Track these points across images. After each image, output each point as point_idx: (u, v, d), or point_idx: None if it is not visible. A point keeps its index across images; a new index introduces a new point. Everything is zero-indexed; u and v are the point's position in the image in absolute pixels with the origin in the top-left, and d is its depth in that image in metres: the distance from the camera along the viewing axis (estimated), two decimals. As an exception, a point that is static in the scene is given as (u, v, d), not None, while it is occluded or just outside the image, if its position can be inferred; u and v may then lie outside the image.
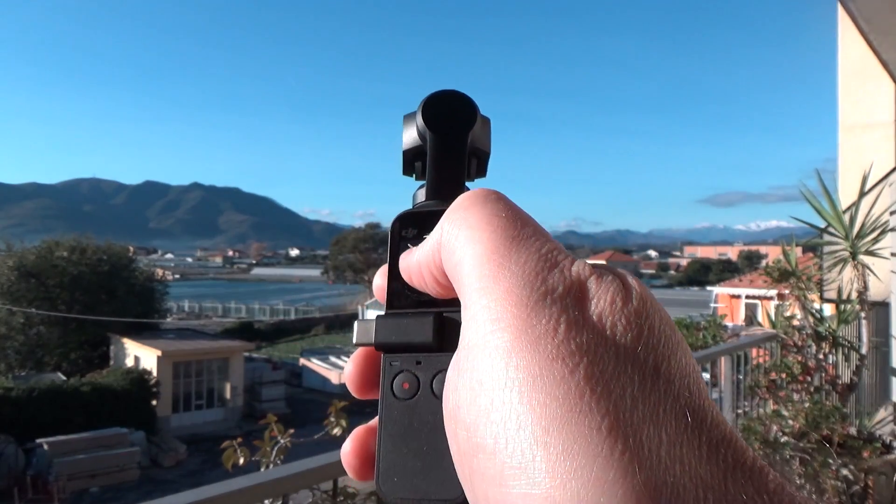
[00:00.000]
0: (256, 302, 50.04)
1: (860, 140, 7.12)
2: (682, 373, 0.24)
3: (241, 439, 2.41)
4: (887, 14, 4.30)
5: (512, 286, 0.26)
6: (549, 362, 0.23)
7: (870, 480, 3.35)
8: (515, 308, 0.25)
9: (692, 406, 0.23)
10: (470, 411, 0.25)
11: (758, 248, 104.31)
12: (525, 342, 0.24)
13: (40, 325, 22.77)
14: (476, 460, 0.24)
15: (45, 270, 23.22)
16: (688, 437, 0.22)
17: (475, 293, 0.27)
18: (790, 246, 4.35)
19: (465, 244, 0.28)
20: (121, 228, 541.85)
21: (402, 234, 0.36)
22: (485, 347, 0.25)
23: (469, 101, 0.37)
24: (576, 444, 0.22)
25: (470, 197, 0.30)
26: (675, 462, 0.22)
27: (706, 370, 4.55)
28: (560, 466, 0.22)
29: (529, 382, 0.23)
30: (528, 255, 0.26)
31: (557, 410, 0.23)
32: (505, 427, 0.23)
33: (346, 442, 0.34)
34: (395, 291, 0.35)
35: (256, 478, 1.57)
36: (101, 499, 14.69)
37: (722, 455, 0.22)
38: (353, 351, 0.36)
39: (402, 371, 0.33)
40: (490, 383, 0.24)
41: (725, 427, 0.23)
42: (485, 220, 0.28)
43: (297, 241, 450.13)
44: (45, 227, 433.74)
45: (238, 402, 20.46)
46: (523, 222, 0.28)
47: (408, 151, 0.38)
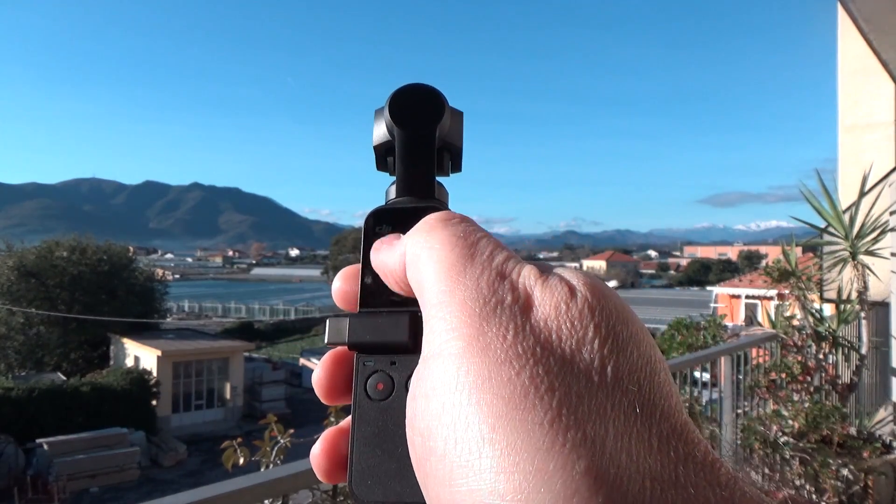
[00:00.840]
0: (256, 302, 50.01)
1: (860, 140, 7.12)
2: (632, 368, 0.25)
3: (241, 439, 2.41)
4: (887, 14, 4.30)
5: (465, 298, 0.27)
6: (497, 366, 0.25)
7: (870, 480, 3.35)
8: (468, 318, 0.26)
9: (641, 400, 0.24)
10: (424, 417, 0.26)
11: (758, 248, 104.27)
12: (476, 348, 0.25)
13: (40, 325, 22.74)
14: (428, 464, 0.25)
15: (45, 270, 23.19)
16: (637, 429, 0.23)
17: (433, 308, 0.28)
18: (790, 246, 4.35)
19: (426, 263, 0.29)
20: (121, 228, 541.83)
21: (375, 230, 0.35)
22: (440, 355, 0.26)
23: (437, 94, 0.36)
24: (519, 439, 0.23)
25: (433, 219, 0.31)
26: (620, 453, 0.22)
27: (706, 370, 4.54)
28: (504, 461, 0.23)
29: (479, 384, 0.24)
30: (481, 270, 0.28)
31: (503, 408, 0.23)
32: (455, 428, 0.24)
33: (316, 444, 0.33)
34: (370, 289, 0.34)
35: (256, 478, 1.57)
36: (101, 499, 14.67)
37: (673, 447, 0.23)
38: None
39: (376, 371, 0.32)
40: (442, 388, 0.26)
41: (678, 419, 0.24)
42: (445, 241, 0.29)
43: (297, 241, 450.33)
44: (45, 227, 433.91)
45: (238, 402, 20.43)
46: (479, 239, 0.29)
47: (378, 147, 0.37)
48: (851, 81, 7.26)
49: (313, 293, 64.09)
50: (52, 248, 24.03)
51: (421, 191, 0.36)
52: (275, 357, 28.26)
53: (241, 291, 72.46)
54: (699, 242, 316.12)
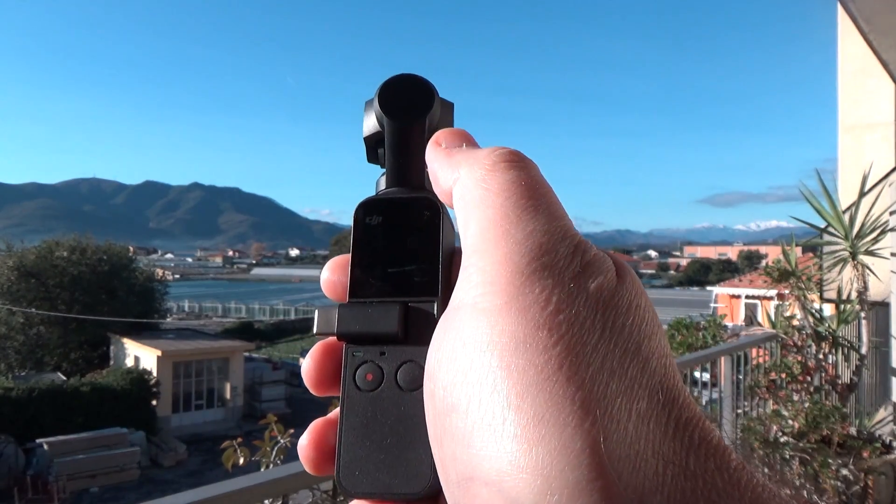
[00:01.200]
0: (256, 302, 49.97)
1: (860, 140, 7.12)
2: (660, 353, 0.25)
3: (241, 439, 2.41)
4: (887, 14, 4.30)
5: (511, 252, 0.26)
6: (534, 330, 0.24)
7: (870, 480, 3.35)
8: (511, 274, 0.25)
9: (665, 385, 0.24)
10: (449, 370, 0.25)
11: (758, 248, 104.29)
12: (514, 308, 0.24)
13: (40, 325, 22.72)
14: (448, 419, 0.25)
15: (45, 270, 23.18)
16: (657, 413, 0.23)
17: (474, 254, 0.27)
18: (790, 246, 4.35)
19: (478, 205, 0.28)
20: (121, 228, 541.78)
21: (366, 221, 0.35)
22: (473, 309, 0.25)
23: (426, 84, 0.35)
24: (547, 411, 0.22)
25: (496, 156, 0.29)
26: (640, 437, 0.22)
27: (706, 370, 4.54)
28: (529, 432, 0.22)
29: (511, 347, 0.24)
30: (534, 227, 0.26)
31: (535, 377, 0.23)
32: (480, 388, 0.24)
33: (304, 435, 0.32)
34: (359, 280, 0.33)
35: (256, 478, 1.57)
36: (101, 499, 14.67)
37: (689, 433, 0.23)
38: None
39: (365, 362, 0.32)
40: (473, 344, 0.25)
41: (695, 409, 0.24)
42: (503, 186, 0.28)
43: (297, 241, 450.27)
44: (45, 227, 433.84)
45: (238, 402, 20.41)
46: (540, 195, 0.28)
47: (369, 138, 0.37)
48: (851, 81, 7.26)
49: (313, 293, 64.07)
50: (52, 248, 24.01)
51: (411, 181, 0.35)
52: (275, 357, 28.22)
53: (241, 291, 72.45)
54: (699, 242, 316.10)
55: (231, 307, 48.17)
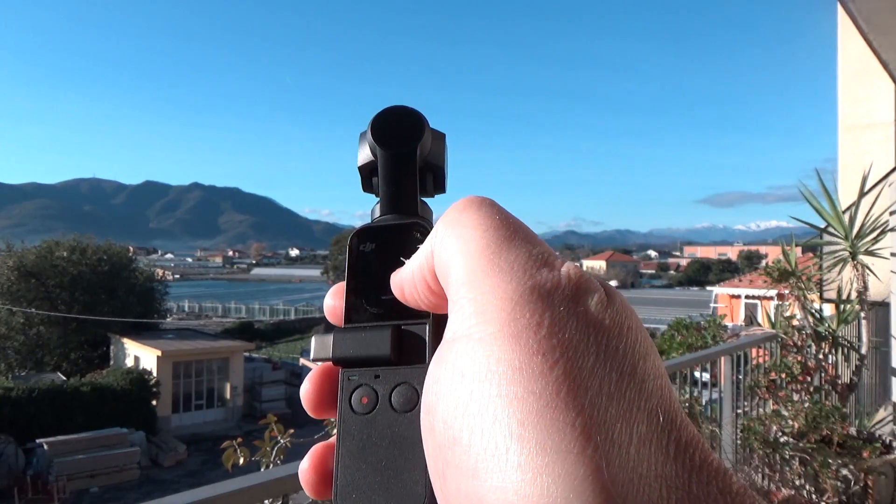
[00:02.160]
0: (256, 302, 50.01)
1: (860, 140, 7.13)
2: (656, 373, 0.25)
3: (241, 439, 2.41)
4: (887, 14, 4.30)
5: (500, 281, 0.26)
6: (529, 356, 0.24)
7: (870, 480, 3.35)
8: (501, 301, 0.25)
9: (664, 406, 0.24)
10: (448, 403, 0.25)
11: (758, 248, 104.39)
12: (508, 335, 0.24)
13: (40, 325, 22.75)
14: (451, 452, 0.24)
15: (45, 270, 23.19)
16: (657, 436, 0.23)
17: (462, 287, 0.27)
18: (790, 246, 4.35)
19: (458, 242, 0.28)
20: (121, 228, 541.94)
21: (360, 248, 0.36)
22: (468, 339, 0.25)
23: (417, 115, 0.37)
24: (549, 439, 0.22)
25: (465, 201, 0.30)
26: (642, 460, 0.22)
27: (706, 370, 4.54)
28: (532, 461, 0.22)
29: (509, 375, 0.24)
30: (517, 254, 0.27)
31: (534, 405, 0.23)
32: (482, 419, 0.23)
33: (304, 459, 0.33)
34: (353, 305, 0.35)
35: (256, 478, 1.57)
36: (101, 499, 14.67)
37: (689, 455, 0.23)
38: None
39: (360, 385, 0.33)
40: (470, 375, 0.25)
41: (693, 430, 0.24)
42: (479, 222, 0.28)
43: (297, 241, 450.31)
44: (45, 227, 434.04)
45: (238, 402, 20.42)
46: (516, 227, 0.28)
47: (363, 168, 0.38)
48: (851, 81, 7.26)
49: (313, 293, 64.08)
50: (52, 248, 24.04)
51: (404, 209, 0.37)
52: (275, 357, 28.25)
53: (241, 291, 72.50)
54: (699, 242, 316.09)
55: (231, 307, 48.20)
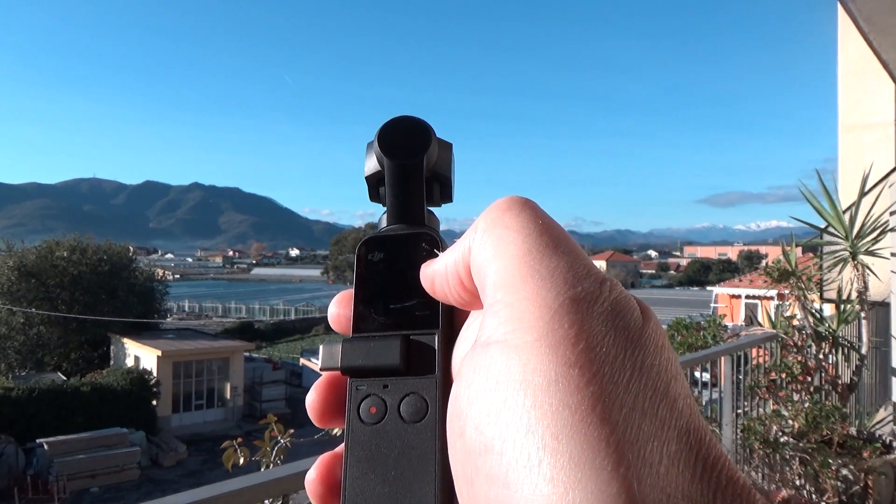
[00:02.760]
0: (256, 302, 50.01)
1: (860, 140, 7.12)
2: (685, 392, 0.25)
3: (241, 439, 2.41)
4: (887, 14, 4.30)
5: (539, 288, 0.25)
6: (566, 368, 0.24)
7: (870, 480, 3.35)
8: (539, 310, 0.25)
9: (693, 425, 0.24)
10: (482, 410, 0.25)
11: (758, 248, 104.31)
12: (545, 345, 0.24)
13: (40, 325, 22.73)
14: (482, 459, 0.24)
15: (45, 270, 23.18)
16: (685, 455, 0.23)
17: (500, 290, 0.27)
18: (790, 246, 4.35)
19: (499, 243, 0.28)
20: (121, 228, 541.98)
21: (368, 258, 0.36)
22: (504, 346, 0.25)
23: (424, 125, 0.37)
24: (583, 454, 0.22)
25: (508, 201, 0.30)
26: (670, 480, 0.22)
27: (706, 370, 4.54)
28: (565, 475, 0.22)
29: (544, 386, 0.23)
30: (558, 262, 0.26)
31: (569, 418, 0.23)
32: (516, 429, 0.23)
33: (311, 469, 0.33)
34: (362, 314, 0.35)
35: (256, 478, 1.57)
36: (101, 499, 14.67)
37: (715, 474, 0.23)
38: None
39: (368, 395, 0.32)
40: (505, 382, 0.24)
41: (719, 448, 0.24)
42: (521, 225, 0.28)
43: (297, 241, 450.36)
44: (45, 227, 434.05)
45: (238, 402, 20.41)
46: (559, 233, 0.28)
47: (370, 177, 0.38)
48: (851, 81, 7.26)
49: (313, 293, 64.04)
50: (52, 248, 24.02)
51: (411, 218, 0.37)
52: (275, 357, 28.24)
53: (241, 291, 72.47)
54: (699, 242, 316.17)
55: (231, 307, 48.21)
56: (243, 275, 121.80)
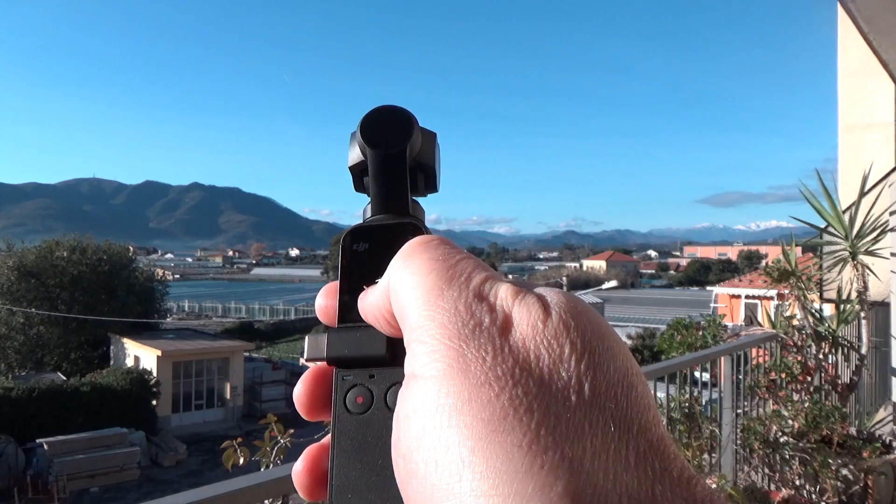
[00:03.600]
0: (256, 302, 49.99)
1: (860, 140, 7.12)
2: (609, 383, 0.25)
3: (241, 439, 2.41)
4: (887, 14, 4.30)
5: (445, 321, 0.27)
6: (476, 388, 0.25)
7: (870, 480, 3.35)
8: (448, 340, 0.27)
9: (618, 416, 0.24)
10: (406, 439, 0.26)
11: (758, 248, 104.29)
12: (456, 370, 0.26)
13: (40, 325, 22.74)
14: (410, 486, 0.26)
15: (45, 270, 23.19)
16: (614, 446, 0.23)
17: (414, 331, 0.28)
18: (790, 246, 4.35)
19: (407, 289, 0.29)
20: (121, 228, 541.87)
21: (353, 248, 0.36)
22: (422, 378, 0.27)
23: (406, 115, 0.36)
24: (499, 461, 0.23)
25: (412, 245, 0.31)
26: (598, 472, 0.23)
27: (706, 370, 4.54)
28: (483, 484, 0.23)
29: (459, 406, 0.25)
30: (458, 292, 0.28)
31: (483, 431, 0.24)
32: (435, 451, 0.25)
33: (298, 461, 0.33)
34: (347, 305, 0.35)
35: (256, 478, 1.57)
36: (101, 499, 14.67)
37: (649, 463, 0.23)
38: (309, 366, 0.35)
39: (355, 385, 0.33)
40: (423, 410, 0.26)
41: (655, 433, 0.25)
42: (424, 265, 0.30)
43: (297, 241, 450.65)
44: (45, 227, 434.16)
45: (238, 402, 20.42)
46: (458, 262, 0.30)
47: (353, 168, 0.38)
48: (851, 81, 7.25)
49: (313, 293, 62.87)
50: (52, 248, 24.03)
51: (395, 208, 0.37)
52: (275, 357, 28.24)
53: (241, 291, 72.45)
54: (699, 242, 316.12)
55: (231, 307, 48.20)
56: (243, 275, 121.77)
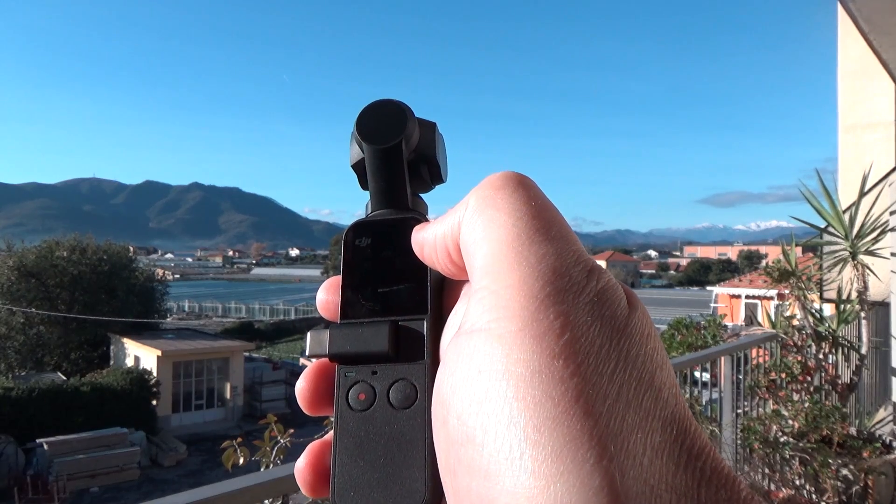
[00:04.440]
0: (256, 302, 49.95)
1: (860, 140, 7.12)
2: (671, 382, 0.25)
3: (241, 439, 2.41)
4: (887, 14, 4.30)
5: (526, 276, 0.25)
6: (549, 359, 0.23)
7: (870, 480, 3.35)
8: (525, 299, 0.24)
9: (677, 416, 0.24)
10: (464, 398, 0.25)
11: (758, 248, 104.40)
12: (529, 335, 0.24)
13: (40, 325, 22.72)
14: (464, 450, 0.24)
15: (45, 270, 23.17)
16: (670, 446, 0.23)
17: (486, 277, 0.26)
18: (790, 246, 4.35)
19: (489, 226, 0.27)
20: (121, 228, 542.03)
21: (355, 243, 0.35)
22: (488, 334, 0.25)
23: (399, 107, 0.35)
24: (566, 447, 0.22)
25: (501, 178, 0.29)
26: (654, 471, 0.22)
27: (706, 370, 4.54)
28: (547, 468, 0.22)
29: (527, 377, 0.23)
30: (547, 250, 0.26)
31: (552, 410, 0.22)
32: (497, 420, 0.23)
33: (301, 457, 0.33)
34: (349, 300, 0.34)
35: (256, 478, 1.57)
36: (101, 499, 14.67)
37: (700, 465, 0.23)
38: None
39: (357, 382, 0.32)
40: (488, 372, 0.24)
41: (704, 438, 0.24)
42: (513, 206, 0.27)
43: (297, 241, 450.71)
44: (45, 227, 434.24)
45: (238, 402, 20.41)
46: (551, 217, 0.27)
47: (355, 166, 0.37)
48: (851, 81, 7.26)
49: (313, 293, 62.77)
50: (52, 248, 24.00)
51: (396, 203, 0.36)
52: (275, 357, 28.24)
53: (241, 291, 72.49)
54: (699, 242, 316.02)
55: (231, 307, 48.17)
56: (243, 275, 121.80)
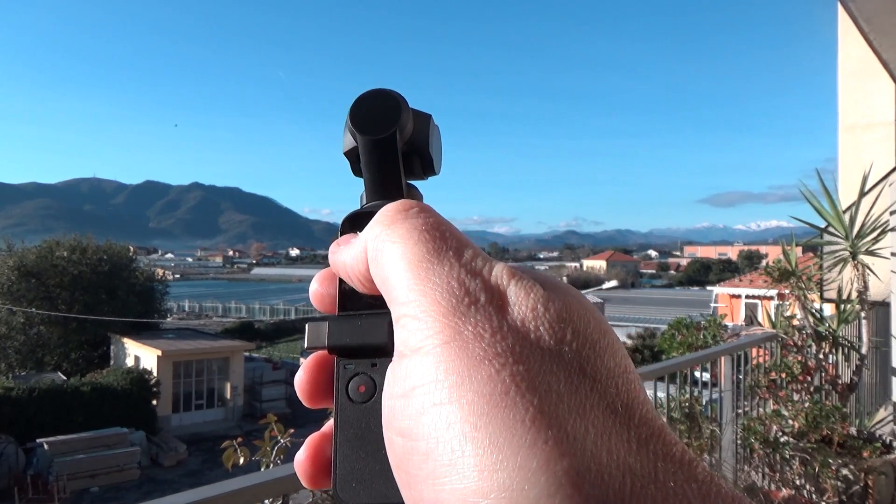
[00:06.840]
0: (256, 302, 49.95)
1: (860, 140, 7.12)
2: (610, 373, 0.25)
3: (241, 439, 2.41)
4: (887, 14, 4.30)
5: (438, 297, 0.26)
6: (476, 363, 0.24)
7: (870, 480, 3.35)
8: (443, 317, 0.26)
9: (619, 402, 0.24)
10: (403, 417, 0.26)
11: (758, 248, 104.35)
12: (454, 347, 0.25)
13: (40, 325, 22.73)
14: (411, 463, 0.25)
15: (45, 270, 23.18)
16: (616, 429, 0.23)
17: (404, 306, 0.27)
18: (790, 246, 4.35)
19: (390, 259, 0.28)
20: (121, 228, 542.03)
21: (351, 233, 0.35)
22: (417, 353, 0.26)
23: (394, 98, 0.35)
24: (501, 436, 0.23)
25: (391, 210, 0.30)
26: (601, 451, 0.23)
27: (706, 370, 4.54)
28: (487, 459, 0.23)
29: (459, 383, 0.24)
30: (450, 266, 0.27)
31: (484, 406, 0.23)
32: (436, 427, 0.24)
33: (301, 450, 0.33)
34: (347, 292, 0.34)
35: (256, 478, 1.57)
36: (101, 499, 14.67)
37: (651, 447, 0.23)
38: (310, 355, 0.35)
39: (357, 374, 0.32)
40: (422, 387, 0.25)
41: (656, 423, 0.24)
42: (407, 234, 0.29)
43: (297, 241, 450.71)
44: (45, 227, 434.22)
45: (238, 402, 20.41)
46: (444, 233, 0.29)
47: (348, 153, 0.37)
48: (851, 81, 7.25)
49: None
50: (52, 248, 24.02)
51: (390, 194, 0.36)
52: (275, 357, 28.22)
53: (241, 291, 72.45)
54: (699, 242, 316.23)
55: (231, 307, 48.16)
56: (243, 275, 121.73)
